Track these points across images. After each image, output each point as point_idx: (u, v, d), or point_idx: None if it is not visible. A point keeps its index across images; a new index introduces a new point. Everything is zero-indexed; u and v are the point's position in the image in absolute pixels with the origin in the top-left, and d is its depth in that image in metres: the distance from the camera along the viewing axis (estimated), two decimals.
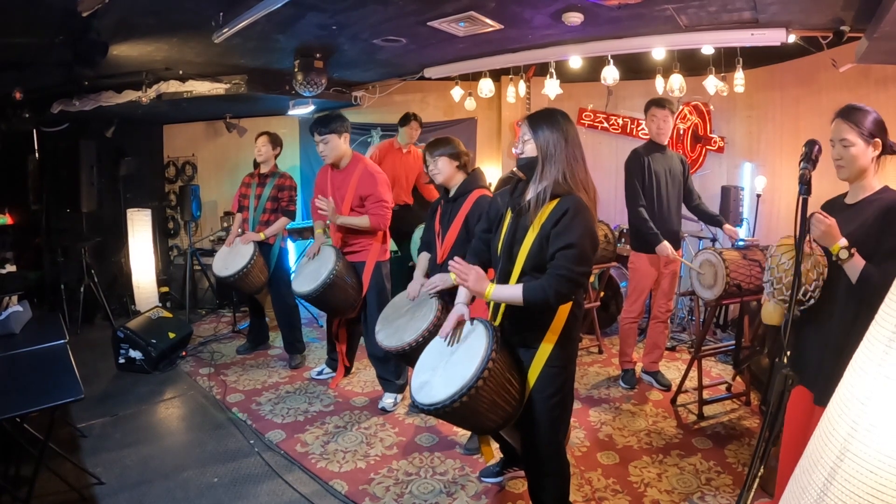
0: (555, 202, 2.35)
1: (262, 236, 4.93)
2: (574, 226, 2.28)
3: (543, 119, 2.45)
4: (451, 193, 3.53)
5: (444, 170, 3.47)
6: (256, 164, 5.27)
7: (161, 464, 3.53)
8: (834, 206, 2.38)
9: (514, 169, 2.56)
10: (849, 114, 2.19)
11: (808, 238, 2.22)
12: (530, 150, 2.43)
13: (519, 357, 2.50)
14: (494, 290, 2.39)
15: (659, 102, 4.33)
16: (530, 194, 2.41)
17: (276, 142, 5.16)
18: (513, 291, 2.36)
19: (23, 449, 3.20)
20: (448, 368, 2.41)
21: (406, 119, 6.01)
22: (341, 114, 4.31)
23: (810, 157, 1.98)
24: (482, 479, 3.33)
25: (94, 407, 4.22)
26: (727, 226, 4.29)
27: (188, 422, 4.19)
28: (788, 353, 1.71)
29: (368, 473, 3.43)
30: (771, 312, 2.47)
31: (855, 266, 2.09)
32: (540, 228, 2.35)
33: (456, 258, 2.47)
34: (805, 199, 1.83)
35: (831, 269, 2.23)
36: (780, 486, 2.57)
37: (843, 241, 2.10)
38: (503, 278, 2.49)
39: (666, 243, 4.18)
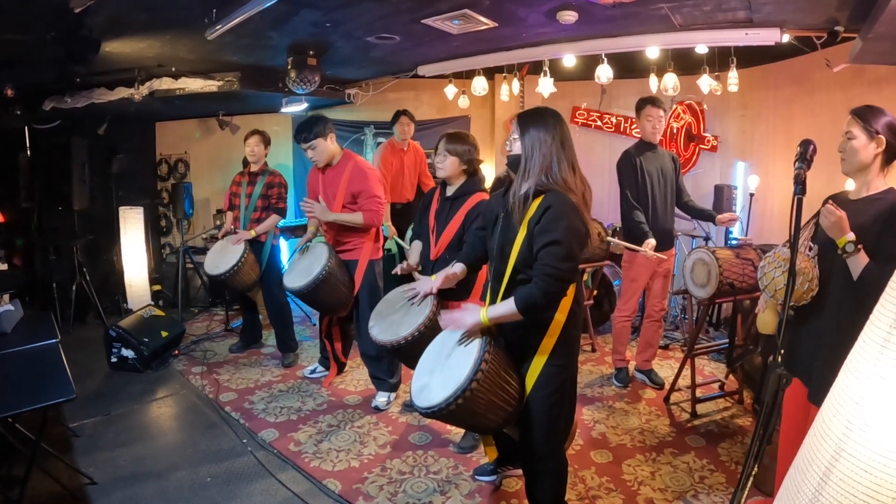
0: (539, 199, 2.36)
1: (252, 234, 4.92)
2: (557, 222, 2.29)
3: (531, 118, 2.46)
4: (451, 193, 3.52)
5: (448, 168, 3.46)
6: (246, 163, 5.26)
7: (154, 463, 3.51)
8: (837, 201, 2.39)
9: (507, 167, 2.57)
10: (860, 110, 2.23)
11: (800, 252, 2.24)
12: (518, 148, 2.45)
13: (517, 356, 2.50)
14: (489, 312, 2.40)
15: (654, 101, 4.30)
16: (518, 193, 2.42)
17: (267, 140, 5.17)
18: (506, 306, 2.36)
19: (15, 449, 3.18)
20: (445, 371, 2.41)
21: (396, 116, 6.02)
22: (321, 115, 4.27)
23: (805, 156, 1.98)
24: (476, 477, 3.33)
25: (87, 406, 4.20)
26: (719, 216, 4.26)
27: (181, 421, 4.18)
28: (782, 352, 1.72)
29: (362, 472, 3.42)
30: (767, 322, 2.48)
31: (858, 261, 2.10)
32: (527, 227, 2.36)
33: (442, 313, 2.57)
34: (800, 199, 1.83)
35: (828, 266, 2.25)
36: (780, 483, 2.58)
37: (851, 235, 2.12)
38: (497, 278, 2.50)
39: (650, 241, 4.16)
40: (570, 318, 2.47)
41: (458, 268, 2.88)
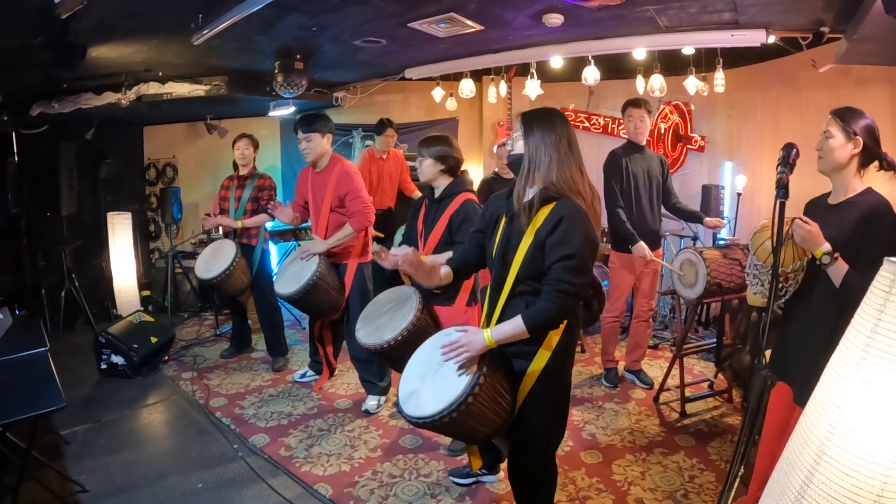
0: (549, 207, 2.20)
1: (239, 224, 4.94)
2: (572, 234, 2.13)
3: (537, 117, 2.31)
4: (437, 195, 3.52)
5: (426, 171, 3.45)
6: (236, 166, 5.25)
7: (145, 470, 3.50)
8: (818, 206, 2.40)
9: (496, 170, 2.54)
10: (841, 111, 2.23)
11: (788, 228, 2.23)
12: (520, 147, 2.30)
13: (512, 368, 2.36)
14: (494, 334, 2.22)
15: (635, 102, 4.36)
16: (523, 198, 2.26)
17: (256, 144, 5.19)
18: (513, 326, 2.20)
19: (5, 457, 3.17)
20: (437, 380, 2.29)
21: (381, 127, 6.04)
22: (326, 114, 4.31)
23: (788, 160, 2.00)
24: (452, 478, 3.34)
25: (77, 413, 4.18)
26: (707, 219, 4.31)
27: (172, 427, 4.16)
28: (767, 353, 1.74)
29: (353, 476, 3.43)
30: (755, 294, 2.48)
31: (838, 270, 2.10)
32: (534, 235, 2.20)
33: (443, 339, 2.34)
34: (782, 203, 1.84)
35: (814, 271, 2.26)
36: (756, 480, 2.60)
37: (826, 246, 2.11)
38: (497, 285, 2.35)
39: (642, 244, 4.19)
40: (567, 330, 2.33)
41: (443, 270, 2.58)
